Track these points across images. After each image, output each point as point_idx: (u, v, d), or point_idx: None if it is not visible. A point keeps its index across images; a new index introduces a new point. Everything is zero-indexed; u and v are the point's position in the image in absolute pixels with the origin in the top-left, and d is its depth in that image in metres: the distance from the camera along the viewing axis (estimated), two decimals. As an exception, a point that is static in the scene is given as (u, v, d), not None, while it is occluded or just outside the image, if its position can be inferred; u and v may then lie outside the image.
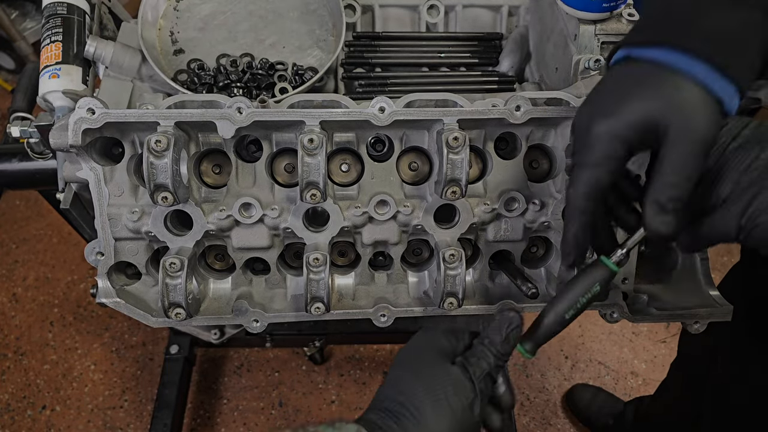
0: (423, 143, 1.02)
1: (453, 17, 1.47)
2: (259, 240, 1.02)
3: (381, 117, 0.94)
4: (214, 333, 1.63)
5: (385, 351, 2.40)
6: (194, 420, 2.21)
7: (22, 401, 2.24)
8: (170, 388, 2.02)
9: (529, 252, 1.13)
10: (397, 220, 1.02)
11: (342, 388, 2.30)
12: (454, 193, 0.94)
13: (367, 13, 1.46)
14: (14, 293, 2.53)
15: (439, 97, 0.99)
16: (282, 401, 2.26)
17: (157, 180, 0.88)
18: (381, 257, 1.12)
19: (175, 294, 0.95)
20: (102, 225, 0.98)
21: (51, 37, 1.11)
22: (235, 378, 2.32)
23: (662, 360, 2.41)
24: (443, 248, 0.97)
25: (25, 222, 2.76)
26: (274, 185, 1.02)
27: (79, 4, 1.15)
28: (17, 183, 1.20)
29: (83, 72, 1.12)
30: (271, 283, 1.09)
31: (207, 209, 0.99)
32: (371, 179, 1.03)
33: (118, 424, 2.19)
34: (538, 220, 1.04)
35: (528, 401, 2.29)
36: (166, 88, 1.21)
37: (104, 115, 0.90)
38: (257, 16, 1.33)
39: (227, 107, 0.92)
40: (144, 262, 1.02)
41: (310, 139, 0.90)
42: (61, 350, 2.38)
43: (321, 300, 0.99)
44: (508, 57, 1.41)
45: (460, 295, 0.99)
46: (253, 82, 1.25)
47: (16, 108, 1.21)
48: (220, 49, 1.29)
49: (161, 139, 0.87)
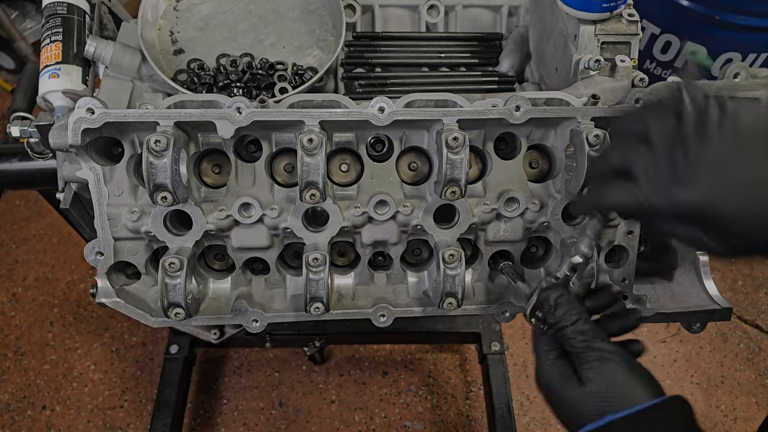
0: (423, 143, 1.02)
1: (453, 17, 1.47)
2: (258, 240, 1.02)
3: (381, 117, 0.94)
4: (214, 333, 1.63)
5: (385, 351, 2.40)
6: (194, 420, 2.21)
7: (22, 401, 2.24)
8: (170, 388, 2.02)
9: (528, 252, 1.13)
10: (396, 220, 1.02)
11: (342, 388, 2.30)
12: (454, 193, 0.94)
13: (367, 13, 1.46)
14: (14, 293, 2.53)
15: (439, 97, 0.99)
16: (282, 401, 2.26)
17: (157, 180, 0.88)
18: (380, 257, 1.12)
19: (175, 294, 0.95)
20: (101, 225, 0.98)
21: (51, 37, 1.11)
22: (235, 378, 2.32)
23: (662, 360, 2.41)
24: (443, 248, 0.97)
25: (25, 222, 2.76)
26: (274, 185, 1.02)
27: (79, 4, 1.15)
28: (17, 183, 1.20)
29: (83, 72, 1.12)
30: (271, 283, 1.09)
31: (206, 209, 0.99)
32: (371, 179, 1.03)
33: (118, 424, 2.19)
34: (538, 220, 1.04)
35: (528, 401, 2.29)
36: (166, 88, 1.21)
37: (104, 114, 0.90)
38: (257, 16, 1.33)
39: (227, 107, 0.92)
40: (143, 262, 1.02)
41: (309, 139, 0.90)
42: (61, 350, 2.37)
43: (320, 300, 0.99)
44: (508, 57, 1.41)
45: (459, 295, 0.99)
46: (252, 82, 1.25)
47: (16, 108, 1.21)
48: (220, 49, 1.29)
49: (161, 139, 0.87)
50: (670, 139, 0.69)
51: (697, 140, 0.67)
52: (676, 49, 2.18)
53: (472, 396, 2.30)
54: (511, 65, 1.40)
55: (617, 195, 0.74)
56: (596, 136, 0.91)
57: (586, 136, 0.91)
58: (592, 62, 1.08)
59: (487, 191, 1.04)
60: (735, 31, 2.02)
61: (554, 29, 1.21)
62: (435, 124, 0.97)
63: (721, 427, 2.25)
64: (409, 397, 2.28)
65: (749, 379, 2.36)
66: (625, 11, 1.10)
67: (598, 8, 1.07)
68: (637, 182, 0.70)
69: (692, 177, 0.66)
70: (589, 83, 1.07)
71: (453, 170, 0.92)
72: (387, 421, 2.22)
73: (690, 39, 2.12)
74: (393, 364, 2.37)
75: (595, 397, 0.73)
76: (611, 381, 0.74)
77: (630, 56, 1.11)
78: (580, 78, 1.10)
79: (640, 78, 1.06)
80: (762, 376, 2.37)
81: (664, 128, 0.69)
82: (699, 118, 0.67)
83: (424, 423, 2.22)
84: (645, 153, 0.70)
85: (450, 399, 2.29)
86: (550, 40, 1.24)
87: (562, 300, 0.82)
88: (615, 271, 1.10)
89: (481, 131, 1.02)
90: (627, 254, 1.10)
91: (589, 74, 1.09)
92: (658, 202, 0.69)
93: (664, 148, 0.69)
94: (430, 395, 2.29)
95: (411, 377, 2.33)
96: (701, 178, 0.66)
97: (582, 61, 1.09)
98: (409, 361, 2.38)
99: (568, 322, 0.79)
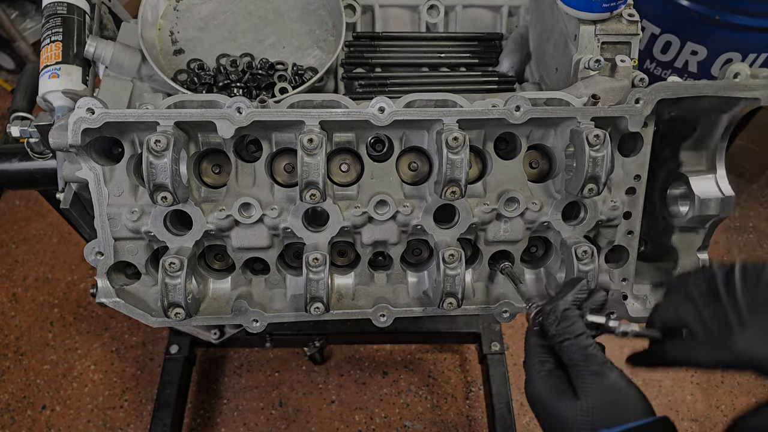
0: (423, 143, 1.02)
1: (453, 17, 1.47)
2: (258, 240, 1.02)
3: (381, 117, 0.94)
4: (214, 333, 1.63)
5: (385, 351, 2.40)
6: (194, 420, 2.21)
7: (22, 401, 2.24)
8: (170, 388, 2.02)
9: (528, 252, 1.13)
10: (396, 220, 1.02)
11: (342, 388, 2.30)
12: (454, 193, 0.94)
13: (367, 13, 1.46)
14: (14, 293, 2.53)
15: (439, 97, 0.99)
16: (282, 401, 2.26)
17: (157, 180, 0.88)
18: (380, 257, 1.12)
19: (175, 294, 0.95)
20: (101, 225, 0.98)
21: (51, 37, 1.11)
22: (235, 378, 2.32)
23: (662, 360, 2.41)
24: (443, 248, 0.97)
25: (25, 222, 2.76)
26: (274, 185, 1.02)
27: (79, 4, 1.15)
28: (17, 183, 1.20)
29: (83, 72, 1.12)
30: (271, 283, 1.09)
31: (206, 209, 0.98)
32: (371, 179, 1.03)
33: (118, 424, 2.19)
34: (538, 220, 1.04)
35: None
36: (166, 88, 1.21)
37: (104, 114, 0.90)
38: (257, 16, 1.33)
39: (227, 107, 0.92)
40: (143, 262, 1.02)
41: (309, 139, 0.90)
42: (61, 350, 2.37)
43: (320, 300, 0.99)
44: (508, 57, 1.40)
45: (459, 295, 0.99)
46: (252, 82, 1.25)
47: (16, 108, 1.21)
48: (220, 49, 1.29)
49: (161, 139, 0.87)
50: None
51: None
52: (676, 49, 2.18)
53: (472, 396, 2.30)
54: (511, 65, 1.40)
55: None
56: (596, 136, 0.91)
57: (586, 136, 0.91)
58: (592, 62, 1.08)
59: (487, 191, 1.04)
60: (735, 31, 2.03)
61: (554, 29, 1.21)
62: (435, 124, 0.97)
63: (721, 427, 2.25)
64: (409, 397, 2.28)
65: (749, 379, 2.36)
66: (625, 11, 1.10)
67: (598, 8, 1.07)
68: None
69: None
70: (589, 83, 1.07)
71: (453, 170, 0.92)
72: (387, 421, 2.22)
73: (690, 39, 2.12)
74: (393, 364, 2.37)
75: (588, 411, 0.74)
76: (606, 396, 0.75)
77: (630, 56, 1.11)
78: (580, 78, 1.10)
79: (640, 78, 1.06)
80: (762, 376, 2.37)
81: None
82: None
83: (424, 423, 2.22)
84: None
85: (450, 399, 2.29)
86: (550, 40, 1.24)
87: (569, 314, 0.83)
88: (615, 271, 1.10)
89: (481, 131, 1.02)
90: (627, 254, 1.10)
91: (589, 74, 1.09)
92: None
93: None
94: (430, 395, 2.29)
95: (411, 377, 2.33)
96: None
97: (582, 61, 1.09)
98: (409, 361, 2.38)
99: (572, 335, 0.80)
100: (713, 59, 2.13)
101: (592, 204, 1.03)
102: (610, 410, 0.74)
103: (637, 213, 1.08)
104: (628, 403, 0.75)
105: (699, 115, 1.06)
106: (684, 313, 0.79)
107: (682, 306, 0.79)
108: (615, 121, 0.99)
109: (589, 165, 0.91)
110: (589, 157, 0.91)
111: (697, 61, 2.17)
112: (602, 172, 0.92)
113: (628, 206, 1.07)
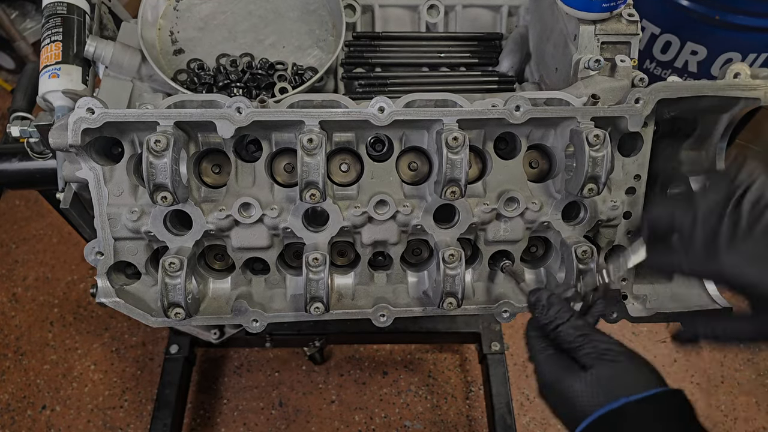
0: (422, 143, 1.02)
1: (453, 17, 1.47)
2: (258, 240, 1.02)
3: (380, 117, 0.94)
4: (214, 333, 1.63)
5: (385, 351, 2.40)
6: (194, 420, 2.21)
7: (22, 401, 2.24)
8: (170, 388, 2.02)
9: (528, 252, 1.13)
10: (396, 220, 1.02)
11: (342, 388, 2.30)
12: (454, 193, 0.94)
13: (367, 13, 1.46)
14: (14, 293, 2.53)
15: (439, 97, 0.99)
16: (282, 401, 2.26)
17: (157, 180, 0.88)
18: (380, 257, 1.12)
19: (175, 294, 0.95)
20: (101, 225, 0.98)
21: (51, 37, 1.11)
22: (235, 378, 2.32)
23: (662, 360, 2.41)
24: (443, 248, 0.97)
25: (25, 222, 2.76)
26: (274, 185, 1.02)
27: (79, 4, 1.15)
28: (17, 183, 1.20)
29: (83, 72, 1.12)
30: (271, 283, 1.09)
31: (206, 209, 0.99)
32: (371, 179, 1.03)
33: (118, 424, 2.19)
34: (538, 220, 1.04)
35: (528, 401, 2.29)
36: (166, 87, 1.21)
37: (104, 114, 0.90)
38: (257, 16, 1.33)
39: (227, 107, 0.92)
40: (143, 262, 1.02)
41: (309, 139, 0.90)
42: (61, 350, 2.37)
43: (320, 300, 0.99)
44: (508, 57, 1.40)
45: (459, 295, 0.99)
46: (252, 82, 1.25)
47: (16, 108, 1.21)
48: (220, 49, 1.29)
49: (161, 139, 0.87)
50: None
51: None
52: (676, 49, 2.18)
53: (472, 396, 2.30)
54: (511, 65, 1.40)
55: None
56: (596, 136, 0.91)
57: (586, 136, 0.91)
58: (592, 62, 1.08)
59: (487, 191, 1.04)
60: (735, 31, 2.02)
61: (554, 29, 1.21)
62: (435, 124, 0.97)
63: (721, 427, 2.25)
64: (409, 397, 2.28)
65: (749, 379, 2.36)
66: (625, 11, 1.10)
67: (598, 8, 1.07)
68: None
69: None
70: (589, 83, 1.07)
71: (453, 170, 0.92)
72: (387, 421, 2.22)
73: (690, 39, 2.12)
74: (393, 364, 2.37)
75: (601, 380, 0.73)
76: (612, 367, 0.74)
77: (630, 56, 1.11)
78: (580, 78, 1.10)
79: (640, 78, 1.06)
80: (762, 376, 2.37)
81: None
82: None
83: (424, 423, 2.22)
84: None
85: (450, 399, 2.29)
86: (550, 40, 1.24)
87: (553, 299, 0.84)
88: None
89: (481, 131, 1.02)
90: (627, 254, 1.10)
91: (589, 74, 1.09)
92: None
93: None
94: (430, 395, 2.29)
95: (411, 377, 2.33)
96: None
97: (582, 61, 1.09)
98: (409, 361, 2.38)
99: (563, 320, 0.81)
100: (713, 59, 2.13)
101: (592, 204, 1.03)
102: (624, 378, 0.73)
103: (637, 213, 1.08)
104: (640, 371, 0.74)
105: (699, 115, 1.06)
106: (681, 218, 0.79)
107: (682, 211, 0.80)
108: (615, 120, 0.99)
109: (589, 165, 0.91)
110: (589, 157, 0.91)
111: (697, 61, 2.16)
112: (602, 172, 0.92)
113: (628, 206, 1.07)
